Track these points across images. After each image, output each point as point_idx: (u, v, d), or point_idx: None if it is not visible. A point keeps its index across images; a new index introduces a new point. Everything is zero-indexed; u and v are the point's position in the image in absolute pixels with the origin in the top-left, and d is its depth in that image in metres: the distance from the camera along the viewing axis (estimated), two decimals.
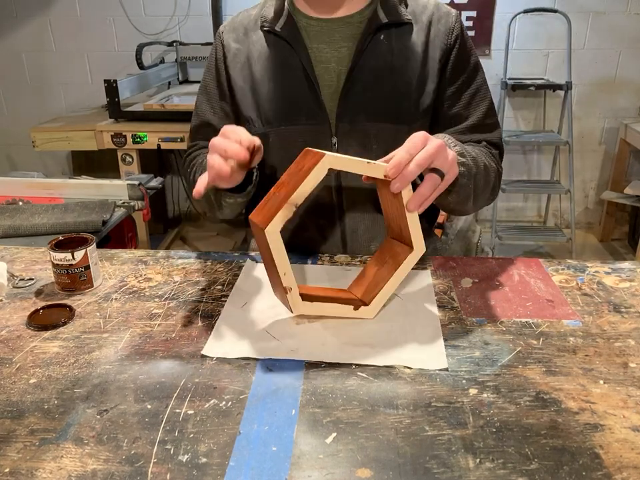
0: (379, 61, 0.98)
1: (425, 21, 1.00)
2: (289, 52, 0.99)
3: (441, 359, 0.71)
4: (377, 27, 0.98)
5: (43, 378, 0.68)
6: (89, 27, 3.04)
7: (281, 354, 0.72)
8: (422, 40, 1.00)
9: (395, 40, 0.99)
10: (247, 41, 1.04)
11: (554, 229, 3.14)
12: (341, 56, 0.99)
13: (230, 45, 1.05)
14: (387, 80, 0.99)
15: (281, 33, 0.99)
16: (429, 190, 0.75)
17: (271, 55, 1.01)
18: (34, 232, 1.34)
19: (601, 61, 2.95)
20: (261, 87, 1.01)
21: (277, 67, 1.00)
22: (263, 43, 1.02)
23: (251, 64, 1.02)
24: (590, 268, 0.96)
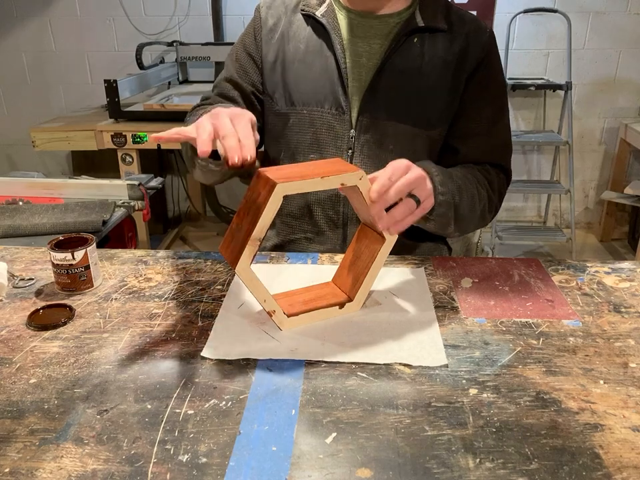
0: (408, 63, 0.99)
1: (461, 33, 1.01)
2: (324, 39, 1.01)
3: (440, 355, 0.72)
4: (412, 30, 0.99)
5: (43, 378, 0.68)
6: (89, 27, 3.04)
7: (280, 354, 0.72)
8: (456, 50, 1.00)
9: (427, 45, 1.00)
10: (285, 20, 1.05)
11: (554, 229, 3.14)
12: (373, 52, 1.00)
13: (267, 19, 1.06)
14: (413, 83, 1.00)
15: (321, 19, 1.01)
16: (402, 214, 0.77)
17: (306, 37, 1.02)
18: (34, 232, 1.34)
19: (601, 61, 2.95)
20: (290, 66, 1.02)
21: (309, 51, 1.02)
22: (300, 24, 1.03)
23: (284, 42, 1.04)
24: (590, 268, 0.96)
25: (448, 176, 0.91)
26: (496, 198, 1.06)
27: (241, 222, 0.74)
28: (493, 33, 1.05)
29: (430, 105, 1.01)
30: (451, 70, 1.00)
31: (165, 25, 3.01)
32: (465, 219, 0.96)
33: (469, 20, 1.03)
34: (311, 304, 0.81)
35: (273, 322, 0.78)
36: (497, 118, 1.06)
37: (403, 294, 0.87)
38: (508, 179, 1.10)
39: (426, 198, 0.81)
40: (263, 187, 0.71)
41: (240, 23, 2.97)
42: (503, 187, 1.08)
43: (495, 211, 1.08)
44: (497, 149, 1.07)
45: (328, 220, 1.07)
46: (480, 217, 1.02)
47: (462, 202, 0.93)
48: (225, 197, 3.34)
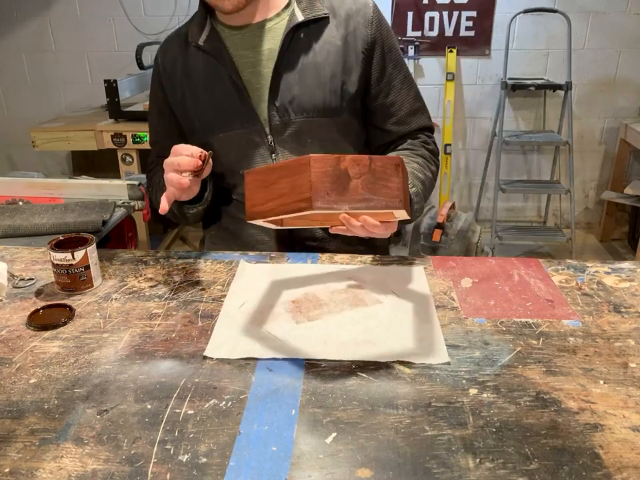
0: (300, 58, 1.01)
1: (342, 15, 1.02)
2: (215, 63, 1.03)
3: (442, 353, 0.72)
4: (295, 26, 1.00)
5: (43, 378, 0.68)
6: (89, 27, 3.04)
7: (283, 353, 0.72)
8: (341, 33, 1.02)
9: (314, 36, 1.01)
10: (181, 59, 1.07)
11: (554, 229, 3.14)
12: (265, 59, 1.02)
13: (165, 66, 1.09)
14: (310, 76, 1.02)
15: (204, 46, 1.03)
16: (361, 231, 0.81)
17: (201, 68, 1.05)
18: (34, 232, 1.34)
19: (601, 61, 2.95)
20: (195, 100, 1.06)
21: (207, 79, 1.04)
22: (194, 58, 1.06)
23: (186, 78, 1.06)
24: (590, 268, 0.96)
25: (414, 176, 0.96)
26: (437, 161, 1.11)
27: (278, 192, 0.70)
28: (375, 5, 1.05)
29: (331, 92, 1.02)
30: (342, 53, 1.01)
31: (165, 25, 3.00)
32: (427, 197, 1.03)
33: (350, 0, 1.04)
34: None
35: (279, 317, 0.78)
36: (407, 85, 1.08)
37: (403, 293, 0.87)
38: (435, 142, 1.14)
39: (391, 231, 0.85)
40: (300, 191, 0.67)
41: None
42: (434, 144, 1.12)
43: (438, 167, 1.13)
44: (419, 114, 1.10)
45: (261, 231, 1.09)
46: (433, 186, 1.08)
47: (427, 190, 1.01)
48: None
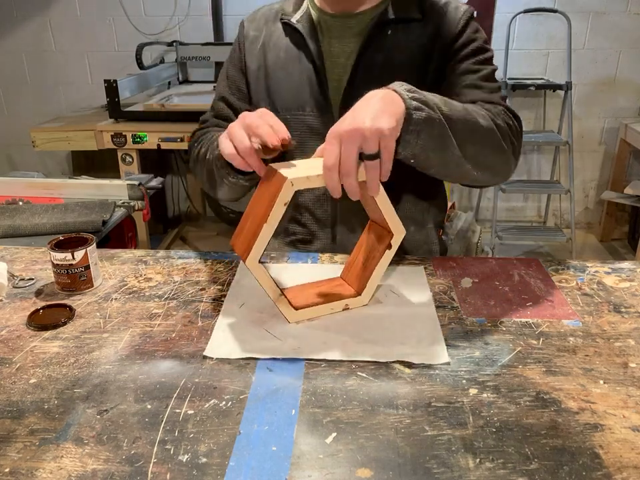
0: (383, 56, 1.01)
1: (435, 17, 1.02)
2: (302, 44, 1.03)
3: (442, 353, 0.72)
4: (383, 23, 1.00)
5: (43, 378, 0.68)
6: (89, 27, 3.04)
7: (283, 353, 0.72)
8: (428, 35, 1.01)
9: (402, 36, 1.01)
10: (265, 30, 1.09)
11: (554, 229, 3.14)
12: (349, 51, 1.02)
13: (249, 32, 1.11)
14: (389, 75, 0.99)
15: (297, 25, 1.04)
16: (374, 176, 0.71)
17: (285, 45, 1.05)
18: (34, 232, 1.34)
19: (601, 61, 2.95)
20: (272, 74, 1.06)
21: (289, 57, 1.05)
22: (279, 33, 1.07)
23: (265, 51, 1.07)
24: (590, 268, 0.96)
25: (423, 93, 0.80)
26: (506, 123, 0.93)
27: (251, 216, 0.76)
28: (468, 9, 1.02)
29: None
30: (424, 54, 1.01)
31: (164, 25, 3.01)
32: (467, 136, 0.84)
33: (444, 4, 1.03)
34: (318, 297, 0.83)
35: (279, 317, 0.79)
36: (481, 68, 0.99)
37: (403, 292, 0.88)
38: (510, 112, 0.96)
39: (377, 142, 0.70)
40: (274, 181, 0.73)
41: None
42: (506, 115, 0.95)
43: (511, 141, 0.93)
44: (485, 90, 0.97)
45: (317, 220, 1.09)
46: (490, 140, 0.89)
47: (452, 111, 0.82)
48: None
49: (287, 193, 0.71)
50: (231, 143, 0.78)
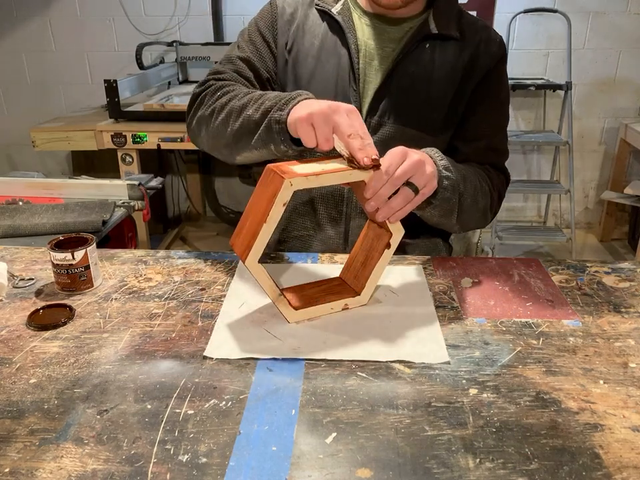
0: (418, 68, 1.00)
1: (472, 41, 1.02)
2: (339, 37, 1.01)
3: (442, 352, 0.72)
4: (424, 36, 0.99)
5: (43, 378, 0.68)
6: (89, 27, 3.04)
7: (283, 353, 0.72)
8: (465, 59, 1.01)
9: (438, 52, 1.01)
10: (301, 12, 1.04)
11: (554, 229, 3.14)
12: (385, 55, 1.01)
13: (285, 9, 1.05)
14: (422, 88, 1.00)
15: (337, 17, 1.01)
16: (400, 204, 0.77)
17: (321, 33, 1.02)
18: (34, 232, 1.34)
19: (601, 61, 2.95)
20: (304, 61, 1.02)
21: (324, 48, 1.01)
22: (315, 20, 1.03)
23: (299, 35, 1.02)
24: (590, 268, 0.96)
25: (452, 163, 0.91)
26: (496, 196, 1.07)
27: (250, 216, 0.76)
28: (503, 42, 1.06)
29: (437, 111, 1.02)
30: (459, 77, 1.01)
31: (164, 25, 3.00)
32: (468, 211, 0.96)
33: (481, 28, 1.04)
34: (318, 297, 0.83)
35: (278, 316, 0.79)
36: (501, 125, 1.08)
37: (402, 292, 0.88)
38: (507, 181, 1.12)
39: (425, 184, 0.80)
40: (273, 182, 0.72)
41: (240, 22, 2.97)
42: (502, 187, 1.10)
43: (494, 212, 1.09)
44: (497, 154, 1.09)
45: (330, 218, 1.08)
46: (482, 213, 1.02)
47: (466, 191, 0.93)
48: (225, 197, 3.34)
49: (286, 193, 0.71)
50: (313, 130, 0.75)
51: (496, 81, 1.04)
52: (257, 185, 0.77)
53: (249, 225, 0.76)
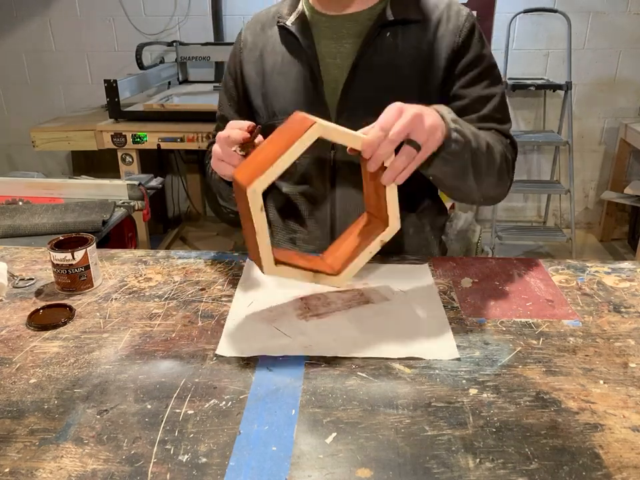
0: (382, 58, 0.99)
1: (433, 20, 1.00)
2: (297, 46, 1.02)
3: (452, 349, 0.73)
4: (382, 24, 0.99)
5: (43, 378, 0.68)
6: (89, 27, 3.04)
7: (294, 350, 0.73)
8: (428, 39, 0.99)
9: (400, 38, 1.00)
10: (263, 36, 1.08)
11: (554, 229, 3.14)
12: (346, 52, 1.01)
13: (247, 39, 1.10)
14: (388, 77, 1.00)
15: (291, 27, 1.03)
16: (404, 163, 0.74)
17: (281, 49, 1.05)
18: (34, 232, 1.34)
19: (601, 61, 2.95)
20: (270, 79, 1.05)
21: (285, 61, 1.04)
22: (276, 37, 1.06)
23: (263, 57, 1.06)
24: (590, 268, 0.96)
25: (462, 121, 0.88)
26: (511, 158, 1.02)
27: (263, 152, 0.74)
28: (470, 14, 1.01)
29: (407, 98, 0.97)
30: (426, 59, 0.99)
31: (164, 25, 3.00)
32: (484, 170, 0.92)
33: (444, 5, 1.01)
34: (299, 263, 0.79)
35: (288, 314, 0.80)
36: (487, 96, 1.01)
37: (410, 290, 0.88)
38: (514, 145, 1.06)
39: (427, 138, 0.76)
40: (298, 123, 0.72)
41: (240, 23, 2.97)
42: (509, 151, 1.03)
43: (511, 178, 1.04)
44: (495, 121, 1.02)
45: (315, 219, 1.09)
46: (499, 173, 0.98)
47: (479, 147, 0.89)
48: None
49: (312, 134, 0.69)
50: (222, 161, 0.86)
51: (470, 55, 1.00)
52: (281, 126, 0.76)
53: (260, 158, 0.73)
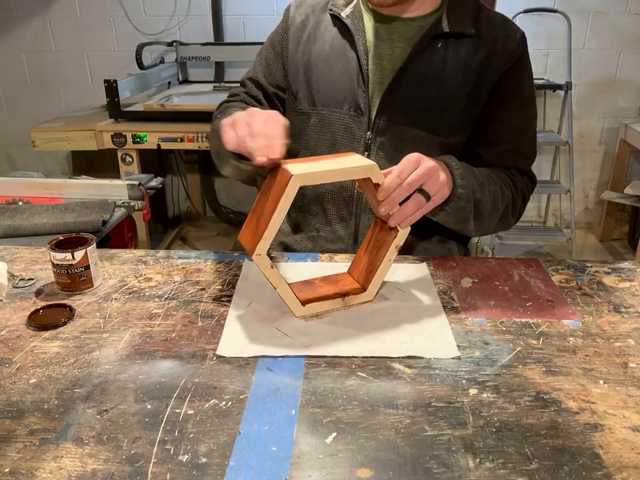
0: (429, 68, 0.98)
1: (488, 38, 0.99)
2: (348, 40, 1.01)
3: (452, 347, 0.73)
4: (435, 35, 0.98)
5: (43, 378, 0.68)
6: (89, 27, 3.03)
7: (295, 351, 0.73)
8: (481, 57, 0.98)
9: (451, 50, 0.98)
10: (313, 20, 1.06)
11: (554, 229, 3.14)
12: (395, 55, 1.00)
13: (296, 18, 1.07)
14: (432, 89, 0.99)
15: (346, 20, 1.01)
16: (412, 210, 0.80)
17: (331, 38, 1.03)
18: (34, 232, 1.34)
19: (601, 61, 2.95)
20: (314, 67, 1.04)
21: (333, 52, 1.02)
22: (327, 25, 1.04)
23: (310, 42, 1.05)
24: (590, 268, 0.96)
25: (470, 171, 0.91)
26: (520, 200, 1.05)
27: (257, 211, 0.77)
28: (524, 38, 1.01)
29: (448, 112, 1.00)
30: (474, 76, 0.98)
31: (165, 25, 3.00)
32: (485, 217, 0.96)
33: (499, 23, 1.00)
34: (325, 292, 0.83)
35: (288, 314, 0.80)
36: (525, 127, 1.04)
37: (409, 289, 0.88)
38: (533, 184, 1.09)
39: (437, 192, 0.82)
40: (280, 178, 0.74)
41: (240, 22, 2.97)
42: (527, 190, 1.07)
43: (518, 215, 1.07)
44: (521, 157, 1.06)
45: (340, 218, 1.08)
46: (502, 218, 1.02)
47: (483, 199, 0.93)
48: (225, 197, 3.34)
49: (292, 189, 0.72)
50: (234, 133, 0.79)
51: (515, 81, 1.00)
52: (265, 181, 0.79)
53: (255, 221, 0.77)
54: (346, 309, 0.83)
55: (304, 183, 0.73)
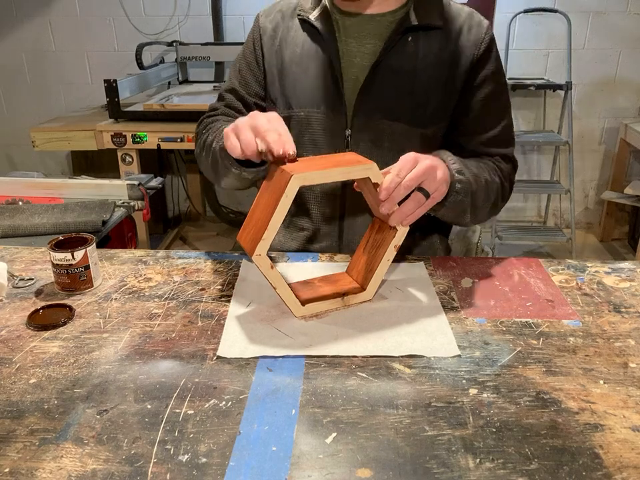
0: (402, 62, 1.00)
1: (455, 29, 1.01)
2: (318, 42, 1.03)
3: (452, 346, 0.73)
4: (405, 29, 0.99)
5: (43, 378, 0.68)
6: (89, 27, 3.04)
7: (295, 351, 0.73)
8: (450, 47, 1.00)
9: (422, 43, 1.00)
10: (282, 26, 1.07)
11: (554, 229, 3.14)
12: (367, 52, 1.01)
13: (266, 27, 1.09)
14: (407, 82, 1.00)
15: (314, 22, 1.03)
16: (412, 208, 0.80)
17: (302, 41, 1.04)
18: (34, 232, 1.34)
19: (601, 61, 2.95)
20: (288, 71, 1.05)
21: (305, 55, 1.04)
22: (297, 30, 1.06)
23: (282, 48, 1.06)
24: (590, 268, 0.96)
25: (464, 164, 0.93)
26: (507, 185, 1.08)
27: (257, 212, 0.77)
28: (489, 27, 1.03)
29: (424, 104, 1.01)
30: (446, 67, 1.00)
31: (164, 25, 3.00)
32: (480, 207, 0.98)
33: (465, 14, 1.03)
34: (324, 292, 0.84)
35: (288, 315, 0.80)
36: (500, 115, 1.07)
37: (407, 288, 0.88)
38: (515, 167, 1.12)
39: (435, 189, 0.83)
40: (280, 178, 0.74)
41: (240, 22, 2.97)
42: (512, 174, 1.10)
43: (506, 199, 1.10)
44: (503, 144, 1.08)
45: (324, 217, 1.09)
46: (493, 205, 1.04)
47: (478, 190, 0.95)
48: (225, 196, 3.34)
49: (292, 189, 0.72)
50: (237, 139, 0.79)
51: (487, 69, 1.02)
52: (264, 182, 0.79)
53: (255, 222, 0.77)
54: (345, 309, 0.83)
55: (304, 183, 0.73)
